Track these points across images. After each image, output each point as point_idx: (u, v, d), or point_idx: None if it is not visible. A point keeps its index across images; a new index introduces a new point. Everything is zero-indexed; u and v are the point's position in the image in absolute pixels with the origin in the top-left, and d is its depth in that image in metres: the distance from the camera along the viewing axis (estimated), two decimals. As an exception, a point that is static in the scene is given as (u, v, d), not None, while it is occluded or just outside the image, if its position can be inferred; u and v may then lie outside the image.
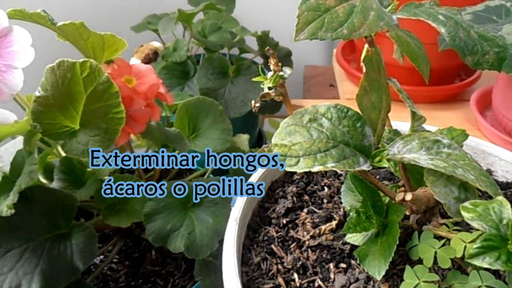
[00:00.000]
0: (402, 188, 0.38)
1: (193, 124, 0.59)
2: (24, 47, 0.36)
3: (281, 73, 0.35)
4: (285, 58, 0.92)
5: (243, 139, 0.65)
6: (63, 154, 0.50)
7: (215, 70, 0.74)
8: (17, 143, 0.62)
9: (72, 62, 0.41)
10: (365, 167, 0.31)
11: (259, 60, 0.94)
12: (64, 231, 0.47)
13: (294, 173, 0.49)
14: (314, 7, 0.32)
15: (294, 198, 0.45)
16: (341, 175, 0.50)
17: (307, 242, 0.40)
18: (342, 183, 0.49)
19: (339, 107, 0.33)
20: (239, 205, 0.41)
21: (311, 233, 0.40)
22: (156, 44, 0.78)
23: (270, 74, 0.36)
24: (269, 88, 0.35)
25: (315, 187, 0.48)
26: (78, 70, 0.41)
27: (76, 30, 0.43)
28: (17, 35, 0.36)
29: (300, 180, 0.49)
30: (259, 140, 1.05)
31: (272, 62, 0.35)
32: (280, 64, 0.35)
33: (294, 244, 0.40)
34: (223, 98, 0.73)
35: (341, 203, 0.44)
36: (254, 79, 0.37)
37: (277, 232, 0.41)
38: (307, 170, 0.29)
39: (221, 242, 0.47)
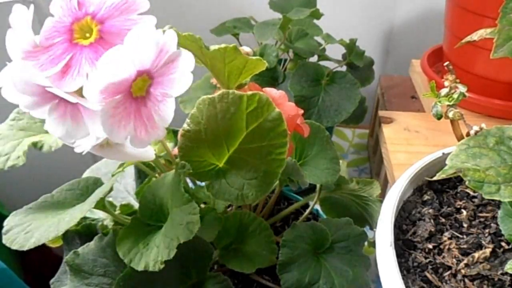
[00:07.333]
0: None
1: (300, 150, 0.53)
2: (184, 74, 0.31)
3: (461, 90, 0.33)
4: (368, 67, 0.89)
5: (342, 166, 0.58)
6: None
7: (308, 78, 0.72)
8: (108, 163, 0.58)
9: (239, 95, 0.36)
10: None
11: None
12: (195, 281, 0.42)
13: (424, 193, 0.47)
14: (520, 21, 0.29)
15: (432, 221, 0.43)
16: (474, 196, 0.47)
17: (462, 271, 0.37)
18: (477, 206, 0.46)
19: (535, 130, 0.30)
20: (388, 226, 0.38)
21: (465, 261, 0.38)
22: (247, 49, 0.76)
23: (445, 91, 0.33)
24: (449, 106, 0.33)
25: (449, 209, 0.45)
26: (244, 104, 0.36)
27: (223, 53, 0.38)
28: (183, 60, 0.31)
29: (432, 201, 0.46)
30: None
31: (449, 78, 0.33)
32: (458, 80, 0.33)
33: (448, 272, 0.37)
34: (317, 106, 0.71)
35: (484, 228, 0.42)
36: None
37: (425, 258, 0.39)
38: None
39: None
